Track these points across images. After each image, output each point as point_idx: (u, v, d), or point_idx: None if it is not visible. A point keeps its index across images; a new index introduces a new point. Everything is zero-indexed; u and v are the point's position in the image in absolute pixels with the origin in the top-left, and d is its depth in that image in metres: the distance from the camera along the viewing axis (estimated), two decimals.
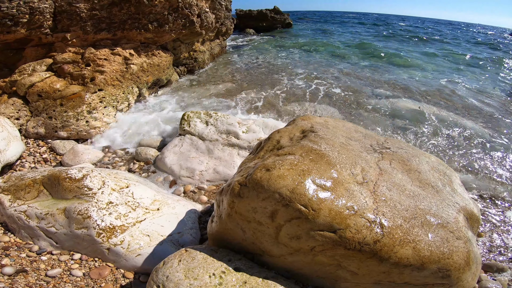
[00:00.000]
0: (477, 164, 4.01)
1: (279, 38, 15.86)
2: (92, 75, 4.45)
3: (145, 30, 5.07)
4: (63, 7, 4.47)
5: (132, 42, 5.06)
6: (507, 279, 2.43)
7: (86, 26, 4.58)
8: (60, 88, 4.30)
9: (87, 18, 4.56)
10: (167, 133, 4.41)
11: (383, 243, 1.36)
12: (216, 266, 1.63)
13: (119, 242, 2.15)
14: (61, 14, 4.50)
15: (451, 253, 1.45)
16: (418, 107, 5.85)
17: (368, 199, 1.49)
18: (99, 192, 2.44)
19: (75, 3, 4.47)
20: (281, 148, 1.91)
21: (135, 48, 5.07)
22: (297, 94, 6.30)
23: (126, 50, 4.88)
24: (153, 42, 5.50)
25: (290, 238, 1.50)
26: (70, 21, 4.54)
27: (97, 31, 4.67)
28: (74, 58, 4.56)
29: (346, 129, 2.48)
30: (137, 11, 4.88)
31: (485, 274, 2.49)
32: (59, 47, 4.69)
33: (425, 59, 11.37)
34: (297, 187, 1.38)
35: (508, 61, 12.50)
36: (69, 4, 4.47)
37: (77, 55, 4.64)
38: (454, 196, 1.91)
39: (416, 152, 2.37)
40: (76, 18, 4.54)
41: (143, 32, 5.07)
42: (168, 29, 5.50)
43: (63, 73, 4.47)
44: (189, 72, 7.36)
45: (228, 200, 1.64)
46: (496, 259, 2.65)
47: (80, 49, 4.69)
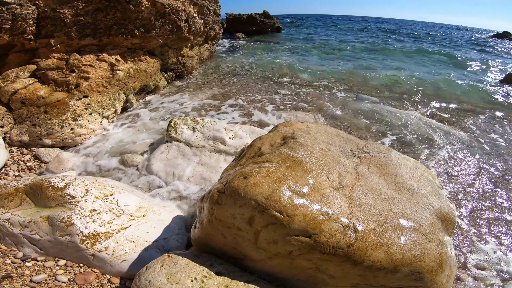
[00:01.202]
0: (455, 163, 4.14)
1: (269, 42, 16.00)
2: (77, 82, 4.41)
3: (132, 36, 5.06)
4: (46, 13, 4.43)
5: (118, 48, 5.03)
6: (488, 279, 2.50)
7: (71, 32, 4.54)
8: (44, 95, 4.25)
9: (71, 23, 4.52)
10: (154, 140, 4.40)
11: (356, 247, 1.40)
12: (198, 271, 1.67)
13: (104, 248, 2.18)
14: (45, 20, 4.45)
15: (423, 255, 1.49)
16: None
17: (343, 204, 1.54)
18: (82, 200, 2.45)
19: (59, 9, 4.43)
20: (261, 155, 1.95)
21: (121, 53, 5.04)
22: (286, 99, 6.36)
23: (112, 56, 4.85)
24: (140, 47, 5.49)
25: (268, 243, 1.54)
26: (54, 27, 4.50)
27: (82, 36, 4.63)
28: (58, 64, 4.51)
29: (327, 134, 2.54)
30: (123, 17, 4.87)
31: (466, 274, 2.54)
32: (43, 53, 4.63)
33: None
34: (273, 194, 1.42)
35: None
36: (52, 10, 4.43)
37: (62, 61, 4.59)
38: (430, 198, 1.97)
39: (395, 155, 2.44)
40: (60, 24, 4.50)
41: (130, 37, 5.05)
42: (155, 35, 5.49)
43: (47, 79, 4.42)
44: (178, 77, 7.35)
45: (208, 207, 1.69)
46: (477, 258, 2.71)
47: (64, 55, 4.64)
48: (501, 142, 4.94)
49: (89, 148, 4.29)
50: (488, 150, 4.61)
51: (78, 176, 3.34)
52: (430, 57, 13.41)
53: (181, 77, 7.45)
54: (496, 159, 4.33)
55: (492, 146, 4.73)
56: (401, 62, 11.68)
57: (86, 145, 4.32)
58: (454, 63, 12.57)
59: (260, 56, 11.55)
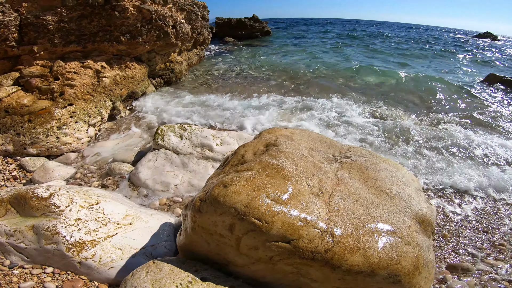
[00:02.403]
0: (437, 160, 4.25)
1: (258, 46, 16.11)
2: (62, 89, 4.36)
3: (118, 42, 5.04)
4: (29, 19, 4.38)
5: (104, 54, 5.00)
6: (473, 280, 2.55)
7: (54, 39, 4.49)
8: (27, 103, 4.19)
9: (55, 30, 4.48)
10: (142, 148, 4.39)
11: (333, 251, 1.44)
12: (183, 277, 1.70)
13: (90, 256, 2.21)
14: (27, 27, 4.40)
15: (399, 258, 1.53)
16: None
17: (322, 210, 1.58)
18: (67, 209, 2.46)
19: (42, 16, 4.39)
20: (244, 162, 1.98)
21: (107, 60, 5.01)
22: (275, 104, 6.42)
23: (98, 63, 4.82)
24: (127, 54, 5.47)
25: (249, 249, 1.57)
26: (37, 34, 4.45)
27: (66, 43, 4.59)
28: (42, 71, 4.46)
29: (311, 140, 2.59)
30: (108, 23, 4.85)
31: (451, 275, 2.58)
32: (26, 60, 4.57)
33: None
34: (251, 202, 1.45)
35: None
36: (35, 17, 4.38)
37: (45, 68, 4.54)
38: (408, 201, 2.02)
39: (377, 159, 2.50)
40: (43, 30, 4.46)
41: (116, 44, 5.03)
42: (142, 41, 5.49)
43: (30, 87, 4.35)
44: (166, 83, 7.34)
45: (191, 214, 1.72)
46: (462, 259, 2.76)
47: (48, 62, 4.59)
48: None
49: (75, 156, 4.25)
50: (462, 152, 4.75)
51: (63, 185, 3.32)
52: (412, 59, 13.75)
53: (169, 83, 7.43)
54: None
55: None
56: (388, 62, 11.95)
57: (72, 153, 4.27)
58: (436, 64, 12.93)
59: (249, 60, 11.62)
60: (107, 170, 3.91)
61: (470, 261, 2.75)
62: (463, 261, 2.74)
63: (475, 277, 2.58)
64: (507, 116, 6.39)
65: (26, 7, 4.34)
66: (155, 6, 5.74)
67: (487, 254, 2.82)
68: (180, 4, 7.19)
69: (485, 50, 21.43)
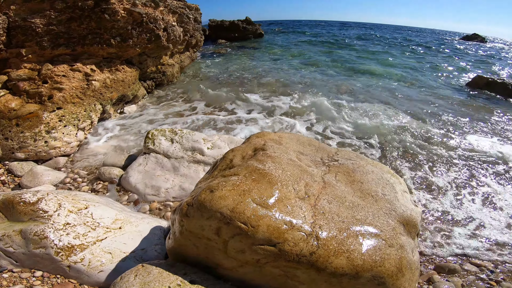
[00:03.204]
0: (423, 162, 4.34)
1: (250, 49, 16.17)
2: (50, 93, 4.31)
3: (108, 45, 5.01)
4: (17, 22, 4.33)
5: (93, 57, 4.97)
6: (460, 280, 2.59)
7: (43, 42, 4.45)
8: (15, 107, 4.13)
9: (43, 33, 4.44)
10: (132, 152, 4.36)
11: (318, 254, 1.46)
12: (172, 280, 1.71)
13: (79, 260, 2.23)
14: (15, 30, 4.35)
15: (383, 260, 1.56)
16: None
17: (307, 213, 1.61)
18: (55, 214, 2.47)
19: (30, 18, 4.34)
20: (233, 167, 2.00)
21: (97, 63, 4.97)
22: (265, 108, 6.45)
23: (87, 66, 4.78)
24: (117, 57, 5.44)
25: (236, 252, 1.59)
26: (25, 37, 4.40)
27: (54, 46, 4.55)
28: (30, 74, 4.40)
29: (300, 143, 2.62)
30: (98, 26, 4.82)
31: (438, 276, 2.63)
32: (14, 63, 4.51)
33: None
34: (237, 207, 1.47)
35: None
36: (23, 20, 4.34)
37: (34, 71, 4.49)
38: (393, 203, 2.07)
39: (364, 162, 2.54)
40: (31, 33, 4.41)
41: (106, 47, 5.00)
42: (133, 44, 5.47)
43: (18, 91, 4.30)
44: (158, 86, 7.31)
45: (178, 219, 1.74)
46: (449, 260, 2.82)
47: (36, 65, 4.54)
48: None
49: (64, 161, 4.20)
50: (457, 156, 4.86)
51: (51, 190, 3.29)
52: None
53: (161, 85, 7.41)
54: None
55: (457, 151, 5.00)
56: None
57: (61, 158, 4.22)
58: (423, 66, 13.19)
59: (242, 62, 11.66)
60: (97, 175, 3.88)
61: (457, 262, 2.79)
62: (450, 262, 2.80)
63: (462, 278, 2.62)
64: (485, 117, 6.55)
65: (14, 9, 4.29)
66: (146, 9, 5.73)
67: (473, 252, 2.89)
68: (172, 7, 7.18)
69: (471, 51, 22.02)
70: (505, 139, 5.39)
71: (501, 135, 5.61)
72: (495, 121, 6.38)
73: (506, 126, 6.09)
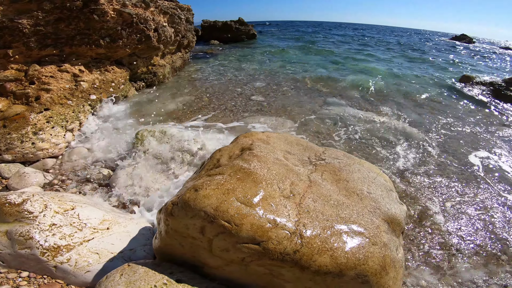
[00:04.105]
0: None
1: (243, 49, 16.18)
2: (37, 94, 4.25)
3: (97, 46, 4.96)
4: (4, 23, 4.26)
5: (82, 58, 4.91)
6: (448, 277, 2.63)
7: (30, 42, 4.38)
8: (2, 108, 4.06)
9: (30, 34, 4.37)
10: (121, 153, 4.32)
11: (302, 252, 1.48)
12: (158, 279, 1.71)
13: (66, 260, 2.23)
14: (2, 30, 4.28)
15: (366, 259, 1.57)
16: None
17: (292, 212, 1.62)
18: (40, 215, 2.46)
19: (17, 19, 4.28)
20: (219, 166, 2.01)
21: (85, 64, 4.92)
22: (256, 108, 6.47)
23: (75, 67, 4.72)
24: (106, 57, 5.39)
25: (221, 250, 1.60)
26: (12, 37, 4.33)
27: (42, 47, 4.48)
28: (17, 75, 4.33)
29: (287, 143, 2.64)
30: (87, 26, 4.77)
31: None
32: (1, 63, 4.43)
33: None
34: (221, 205, 1.48)
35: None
36: (10, 20, 4.27)
37: (20, 72, 4.42)
38: (378, 201, 2.09)
39: (351, 160, 2.57)
40: (18, 34, 4.34)
41: (94, 47, 4.95)
42: (122, 44, 5.42)
43: (5, 92, 4.22)
44: (149, 87, 7.24)
45: (164, 218, 1.75)
46: (435, 256, 2.85)
47: (23, 66, 4.47)
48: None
49: (52, 162, 4.15)
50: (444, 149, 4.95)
51: (38, 191, 3.27)
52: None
53: (152, 86, 7.35)
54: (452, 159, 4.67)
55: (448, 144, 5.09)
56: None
57: (49, 159, 4.16)
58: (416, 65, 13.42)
59: (234, 63, 11.66)
60: (86, 176, 3.84)
61: (442, 260, 2.83)
62: (435, 259, 2.84)
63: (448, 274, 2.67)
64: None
65: (2, 10, 4.21)
66: (136, 9, 5.70)
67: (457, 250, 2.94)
68: (163, 8, 7.15)
69: (459, 51, 22.53)
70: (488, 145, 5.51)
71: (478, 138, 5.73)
72: (475, 121, 6.53)
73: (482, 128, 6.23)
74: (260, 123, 5.57)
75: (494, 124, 6.48)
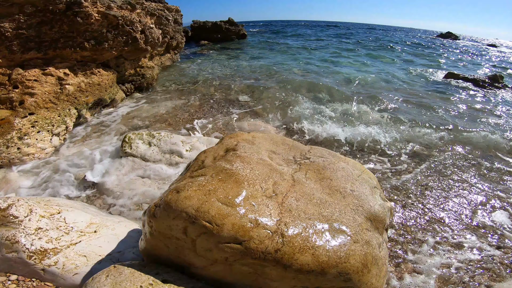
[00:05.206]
0: None
1: (233, 49, 16.18)
2: (21, 98, 4.18)
3: (81, 49, 4.90)
4: None
5: (66, 61, 4.84)
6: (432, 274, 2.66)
7: (12, 46, 4.30)
8: None
9: (13, 37, 4.30)
10: (109, 156, 4.29)
11: (283, 251, 1.49)
12: (143, 279, 1.71)
13: (53, 263, 2.25)
14: None
15: (348, 257, 1.59)
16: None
17: (274, 211, 1.64)
18: (26, 219, 2.48)
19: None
20: (203, 168, 2.02)
21: (70, 67, 4.85)
22: (245, 107, 6.49)
23: (60, 70, 4.65)
24: (92, 60, 5.32)
25: (204, 250, 1.61)
26: None
27: (25, 50, 4.41)
28: (0, 80, 4.26)
29: (273, 143, 2.66)
30: (70, 29, 4.71)
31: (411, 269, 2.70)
32: None
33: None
34: (202, 206, 1.49)
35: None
36: None
37: (4, 76, 4.33)
38: (361, 199, 2.11)
39: (336, 159, 2.60)
40: (0, 37, 4.26)
41: (79, 50, 4.89)
42: (108, 47, 5.37)
43: None
44: (137, 89, 7.19)
45: (147, 220, 1.75)
46: (420, 251, 2.90)
47: (6, 70, 4.38)
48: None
49: (39, 167, 4.09)
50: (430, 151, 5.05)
51: (23, 196, 3.28)
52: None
53: (140, 89, 7.30)
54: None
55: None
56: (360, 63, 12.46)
57: (36, 164, 4.11)
58: (402, 62, 13.65)
59: (223, 63, 11.64)
60: (73, 180, 3.80)
61: (427, 256, 2.86)
62: (421, 255, 2.88)
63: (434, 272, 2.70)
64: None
65: None
66: (122, 11, 5.64)
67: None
68: (150, 9, 7.11)
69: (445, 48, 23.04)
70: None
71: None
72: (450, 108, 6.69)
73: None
74: (249, 122, 5.59)
75: (480, 115, 6.64)
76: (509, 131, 5.90)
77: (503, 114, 7.05)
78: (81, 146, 4.59)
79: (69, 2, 4.53)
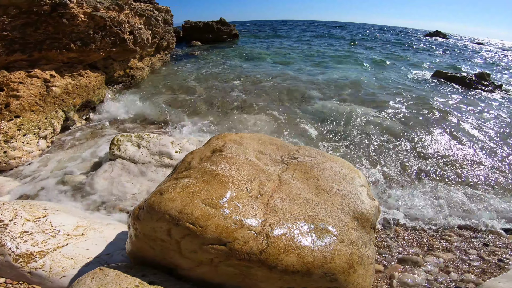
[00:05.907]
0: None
1: (225, 49, 16.14)
2: (7, 101, 4.10)
3: (67, 50, 4.82)
4: None
5: (52, 63, 4.75)
6: (423, 273, 2.66)
7: None
8: None
9: None
10: (97, 159, 4.24)
11: (268, 252, 1.49)
12: (130, 281, 1.70)
13: (40, 266, 2.25)
14: None
15: (333, 257, 1.58)
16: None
17: (259, 212, 1.64)
18: (11, 223, 2.48)
19: None
20: (189, 169, 2.00)
21: (56, 68, 4.77)
22: (236, 105, 6.48)
23: (46, 72, 4.57)
24: (79, 61, 5.24)
25: (189, 252, 1.60)
26: None
27: (9, 52, 4.32)
28: None
29: (261, 143, 2.65)
30: (56, 30, 4.63)
31: (401, 269, 2.71)
32: None
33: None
34: (185, 208, 1.48)
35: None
36: None
37: None
38: (348, 198, 2.10)
39: (324, 158, 2.60)
40: None
41: (65, 52, 4.81)
42: (95, 48, 5.29)
43: None
44: (127, 90, 7.11)
45: (132, 222, 1.74)
46: (412, 252, 2.93)
47: None
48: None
49: (26, 170, 4.02)
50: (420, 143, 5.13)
51: (8, 200, 3.26)
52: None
53: (131, 89, 7.21)
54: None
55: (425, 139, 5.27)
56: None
57: (23, 167, 4.04)
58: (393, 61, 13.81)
59: (215, 63, 11.61)
60: (61, 183, 3.75)
61: (419, 254, 2.89)
62: (412, 254, 2.88)
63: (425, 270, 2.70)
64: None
65: None
66: (109, 12, 5.57)
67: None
68: (138, 10, 7.03)
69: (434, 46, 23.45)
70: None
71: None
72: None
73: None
74: (240, 121, 5.59)
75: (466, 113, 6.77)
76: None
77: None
78: (69, 148, 4.52)
79: (54, 4, 4.45)
